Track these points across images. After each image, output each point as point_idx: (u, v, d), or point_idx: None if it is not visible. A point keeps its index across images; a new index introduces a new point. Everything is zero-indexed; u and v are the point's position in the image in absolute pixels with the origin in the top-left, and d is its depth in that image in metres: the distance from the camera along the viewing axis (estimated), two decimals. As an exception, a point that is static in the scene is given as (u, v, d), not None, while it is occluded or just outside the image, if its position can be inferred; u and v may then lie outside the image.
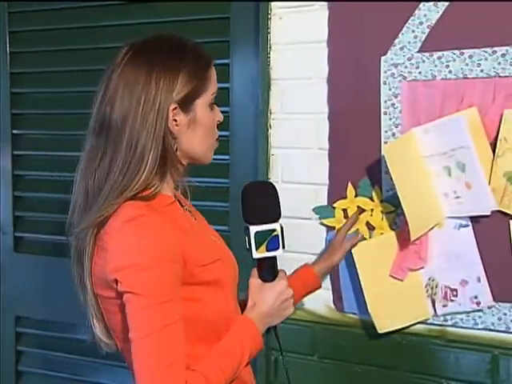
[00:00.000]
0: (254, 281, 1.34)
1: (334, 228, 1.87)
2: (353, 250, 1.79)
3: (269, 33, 1.95)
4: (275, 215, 1.33)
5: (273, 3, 1.94)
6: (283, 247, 1.33)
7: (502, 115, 1.64)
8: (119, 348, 1.31)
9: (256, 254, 1.31)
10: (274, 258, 1.33)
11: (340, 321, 1.90)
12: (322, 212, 1.88)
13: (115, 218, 1.20)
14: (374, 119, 1.81)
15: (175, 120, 1.24)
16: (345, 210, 1.86)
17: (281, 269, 1.36)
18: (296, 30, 1.91)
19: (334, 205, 1.87)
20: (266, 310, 1.31)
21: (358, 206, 1.84)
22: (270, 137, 1.97)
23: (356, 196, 1.85)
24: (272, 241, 1.31)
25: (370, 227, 1.83)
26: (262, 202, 1.33)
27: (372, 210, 1.82)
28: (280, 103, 1.95)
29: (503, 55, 1.64)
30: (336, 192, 1.87)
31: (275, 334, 1.37)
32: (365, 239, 1.81)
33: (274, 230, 1.30)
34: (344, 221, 1.85)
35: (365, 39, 1.81)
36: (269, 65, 1.95)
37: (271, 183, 1.35)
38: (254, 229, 1.30)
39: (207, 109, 1.29)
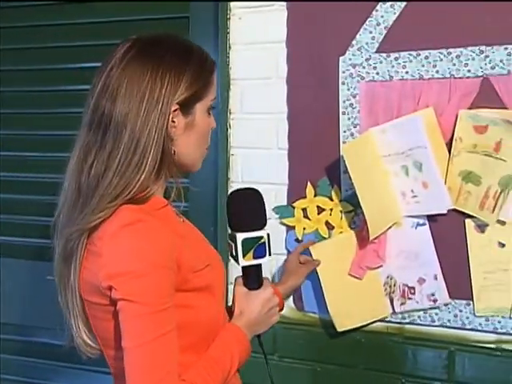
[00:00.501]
0: (240, 289, 1.32)
1: (293, 227, 1.88)
2: (312, 250, 1.80)
3: (228, 33, 1.95)
4: (262, 222, 1.30)
5: (232, 3, 1.95)
6: (269, 254, 1.30)
7: (457, 115, 1.67)
8: (105, 355, 1.26)
9: (243, 262, 1.28)
10: (260, 265, 1.31)
11: (300, 320, 1.91)
12: (282, 212, 1.89)
13: (110, 223, 1.15)
14: (332, 119, 1.82)
15: (173, 121, 1.20)
16: (304, 210, 1.87)
17: (265, 276, 1.34)
18: (255, 30, 1.92)
19: (294, 204, 1.88)
20: (254, 317, 1.29)
21: (318, 206, 1.85)
22: (230, 137, 1.97)
23: (315, 195, 1.86)
24: (259, 248, 1.28)
25: (330, 226, 1.85)
26: (249, 209, 1.30)
27: (331, 209, 1.84)
28: (239, 103, 1.95)
29: (458, 56, 1.67)
30: (295, 192, 1.88)
31: (259, 342, 1.35)
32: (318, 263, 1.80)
33: (261, 238, 1.28)
34: (304, 220, 1.86)
35: (323, 39, 1.82)
36: (228, 65, 1.95)
37: (257, 190, 1.32)
38: (241, 236, 1.27)
39: (205, 114, 1.27)
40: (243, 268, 1.30)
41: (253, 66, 1.93)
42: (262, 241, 1.28)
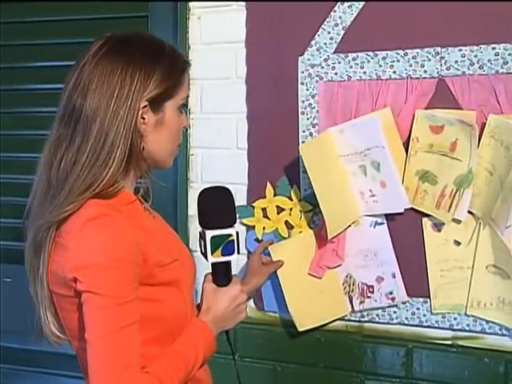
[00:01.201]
0: (209, 285, 1.33)
1: (253, 227, 1.89)
2: (271, 250, 1.80)
3: (187, 32, 1.95)
4: (231, 220, 1.32)
5: (191, 3, 1.94)
6: (238, 252, 1.31)
7: (413, 115, 1.69)
8: (73, 346, 1.28)
9: (211, 259, 1.30)
10: (229, 262, 1.32)
11: (260, 319, 1.91)
12: (242, 211, 1.89)
13: (77, 216, 1.16)
14: (292, 119, 1.83)
15: (143, 118, 1.22)
16: (264, 210, 1.88)
17: (234, 274, 1.35)
18: (214, 30, 1.92)
19: (253, 204, 1.89)
20: (221, 314, 1.30)
21: (277, 205, 1.86)
22: (190, 136, 1.96)
23: (275, 195, 1.86)
24: (227, 246, 1.30)
25: (289, 226, 1.85)
26: (219, 206, 1.32)
27: (291, 209, 1.84)
28: (199, 103, 1.95)
29: (414, 57, 1.69)
30: (255, 191, 1.89)
31: (227, 338, 1.36)
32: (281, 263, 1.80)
33: (230, 235, 1.29)
34: (263, 220, 1.87)
35: (283, 40, 1.83)
36: (187, 64, 1.94)
37: (227, 188, 1.33)
38: (210, 233, 1.28)
39: (176, 112, 1.28)
40: (212, 265, 1.32)
41: (212, 66, 1.92)
42: (231, 238, 1.29)
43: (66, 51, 2.17)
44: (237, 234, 1.31)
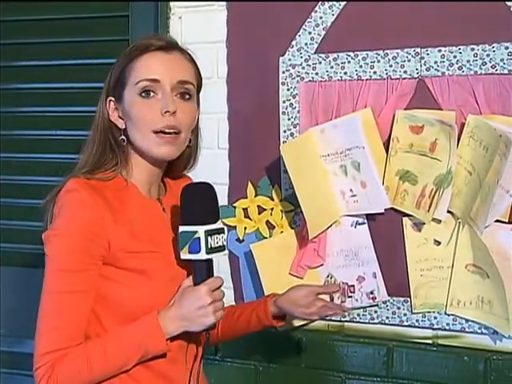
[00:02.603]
0: (186, 281, 1.30)
1: (234, 227, 1.88)
2: (253, 249, 1.80)
3: (168, 32, 1.95)
4: (201, 219, 1.26)
5: (172, 3, 1.94)
6: (206, 253, 1.25)
7: (394, 116, 1.70)
8: None
9: (182, 255, 1.27)
10: (208, 261, 1.27)
11: (242, 320, 1.91)
12: (223, 212, 1.86)
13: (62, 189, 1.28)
14: (273, 119, 1.83)
15: (115, 112, 1.35)
16: (245, 210, 1.88)
17: (218, 276, 1.30)
18: (195, 30, 1.92)
19: (235, 204, 1.89)
20: (182, 312, 1.25)
21: (259, 205, 1.86)
22: (171, 136, 1.95)
23: (256, 195, 1.86)
24: (193, 243, 1.25)
25: (270, 226, 1.85)
26: (195, 202, 1.28)
27: (272, 209, 1.85)
28: (180, 103, 1.94)
29: (394, 58, 1.70)
30: (236, 191, 1.88)
31: (206, 339, 1.33)
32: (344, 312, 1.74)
33: (195, 232, 1.25)
34: (245, 220, 1.87)
35: (263, 40, 1.83)
36: (168, 64, 1.93)
37: (211, 185, 1.31)
38: (180, 228, 1.27)
39: (137, 98, 1.30)
40: (187, 261, 1.29)
41: (193, 66, 1.92)
42: (196, 236, 1.25)
43: (46, 51, 2.19)
44: (205, 233, 1.25)
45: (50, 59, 2.18)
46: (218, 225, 1.29)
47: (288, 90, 1.81)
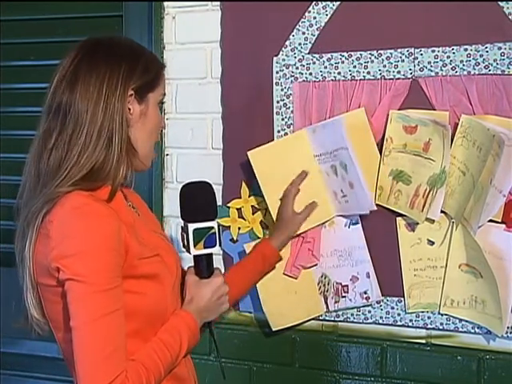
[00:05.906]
0: (191, 277, 1.36)
1: (228, 227, 1.88)
2: (247, 249, 1.80)
3: (162, 32, 1.95)
4: (213, 214, 1.36)
5: (165, 3, 1.94)
6: (220, 245, 1.36)
7: (387, 116, 1.70)
8: (56, 338, 1.30)
9: (194, 251, 1.34)
10: (211, 255, 1.36)
11: (235, 319, 1.91)
12: (217, 212, 1.88)
13: (60, 206, 1.19)
14: (267, 119, 1.83)
15: (129, 108, 1.27)
16: (239, 210, 1.88)
17: (216, 267, 1.39)
18: (189, 30, 1.92)
19: (229, 204, 1.88)
20: (203, 304, 1.33)
21: (252, 206, 1.86)
22: (165, 136, 1.96)
23: (250, 195, 1.86)
24: (209, 238, 1.34)
25: (264, 226, 1.85)
26: (201, 200, 1.36)
27: (266, 209, 1.84)
28: (174, 103, 1.95)
29: (388, 58, 1.70)
30: (230, 192, 1.88)
31: (210, 330, 1.39)
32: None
33: (211, 228, 1.34)
34: (239, 220, 1.87)
35: (257, 40, 1.83)
36: (162, 64, 1.93)
37: (209, 183, 1.38)
38: (192, 226, 1.33)
39: (156, 107, 1.33)
40: (194, 257, 1.36)
41: (187, 66, 1.92)
42: (213, 231, 1.34)
43: (40, 50, 2.18)
44: (218, 226, 1.36)
45: (43, 59, 2.17)
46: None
47: (282, 90, 1.81)
